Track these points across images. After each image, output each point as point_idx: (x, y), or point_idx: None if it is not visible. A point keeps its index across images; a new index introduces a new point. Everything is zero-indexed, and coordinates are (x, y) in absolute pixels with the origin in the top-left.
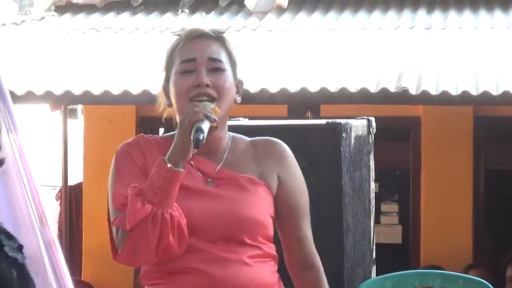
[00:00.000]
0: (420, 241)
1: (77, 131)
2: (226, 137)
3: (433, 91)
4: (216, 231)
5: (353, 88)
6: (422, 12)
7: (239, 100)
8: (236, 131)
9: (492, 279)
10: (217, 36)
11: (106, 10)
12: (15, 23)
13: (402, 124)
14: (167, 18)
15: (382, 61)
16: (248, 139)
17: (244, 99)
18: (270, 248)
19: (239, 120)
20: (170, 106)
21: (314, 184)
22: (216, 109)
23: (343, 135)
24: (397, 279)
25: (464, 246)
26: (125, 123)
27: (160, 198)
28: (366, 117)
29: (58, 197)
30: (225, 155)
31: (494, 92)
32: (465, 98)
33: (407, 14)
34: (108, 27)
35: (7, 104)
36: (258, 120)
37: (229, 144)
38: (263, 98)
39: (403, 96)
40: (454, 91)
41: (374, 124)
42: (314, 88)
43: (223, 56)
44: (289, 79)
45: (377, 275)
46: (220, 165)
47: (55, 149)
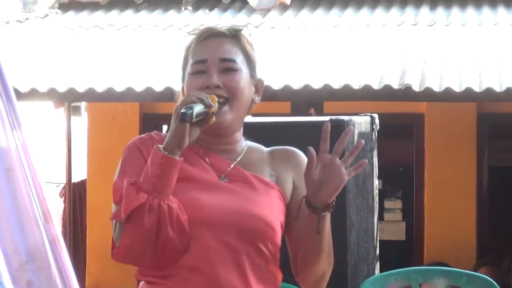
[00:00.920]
0: (423, 237)
1: (80, 128)
2: (242, 140)
3: (436, 88)
4: (228, 229)
5: (356, 85)
6: (425, 9)
7: (257, 100)
8: None
9: (501, 276)
10: (232, 35)
11: (109, 7)
12: (19, 21)
13: (405, 120)
14: (170, 15)
15: (385, 58)
16: (265, 148)
17: None
18: (275, 263)
19: None
20: None
21: None
22: (214, 97)
23: None
24: (400, 276)
25: (467, 243)
26: (128, 120)
27: (155, 187)
28: (369, 114)
29: (62, 194)
30: (241, 156)
31: (498, 89)
32: (468, 95)
33: (410, 11)
34: (112, 25)
35: (11, 101)
36: (261, 117)
37: (245, 149)
38: (266, 95)
39: (406, 93)
40: (458, 88)
41: (377, 121)
42: (317, 85)
43: (237, 55)
44: (292, 76)
45: (380, 271)
46: (234, 162)
47: (59, 146)
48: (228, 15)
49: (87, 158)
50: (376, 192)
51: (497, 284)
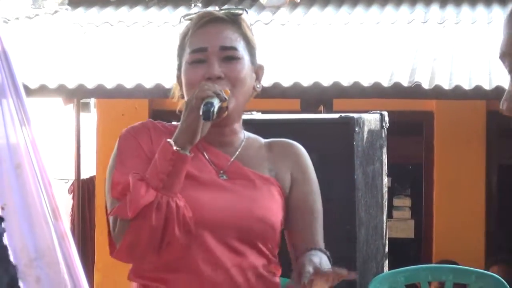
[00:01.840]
0: (432, 235)
1: (90, 125)
2: (241, 131)
3: (446, 86)
4: (229, 230)
5: (366, 82)
6: (435, 7)
7: (259, 88)
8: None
9: None
10: (231, 19)
11: (119, 4)
12: (29, 17)
13: (415, 118)
14: (180, 12)
15: (395, 55)
16: (263, 140)
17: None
18: (274, 260)
19: (252, 114)
20: (183, 97)
21: (326, 179)
22: (227, 90)
23: (356, 129)
24: (409, 274)
25: (476, 241)
26: (138, 116)
27: (165, 184)
28: (379, 111)
29: (71, 190)
30: (239, 150)
31: (507, 87)
32: (478, 93)
33: (420, 8)
34: (121, 21)
35: (20, 98)
36: (271, 114)
37: (244, 141)
38: (276, 92)
39: (416, 91)
40: (467, 86)
41: (387, 118)
42: (327, 82)
43: (238, 42)
44: (302, 74)
45: (389, 269)
46: (233, 157)
47: (68, 142)
48: None
49: (96, 155)
50: (385, 190)
51: (506, 283)
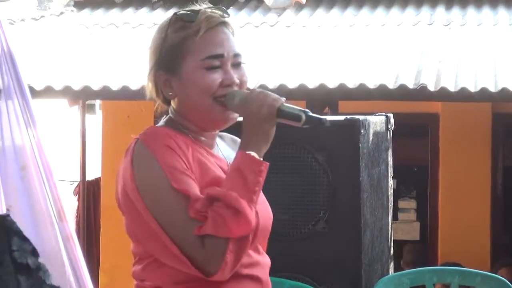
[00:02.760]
0: (437, 237)
1: (95, 126)
2: None
3: (451, 88)
4: (259, 232)
5: (371, 84)
6: (440, 9)
7: None
8: None
9: None
10: (229, 22)
11: (125, 5)
12: (34, 18)
13: (420, 120)
14: None
15: (400, 57)
16: (220, 134)
17: None
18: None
19: None
20: (173, 98)
21: (332, 181)
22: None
23: (362, 131)
24: (415, 276)
25: (481, 243)
26: (143, 118)
27: (257, 196)
28: (384, 113)
29: (76, 192)
30: (219, 149)
31: None
32: (483, 95)
33: (425, 10)
34: (127, 23)
35: (26, 99)
36: None
37: (217, 139)
38: (281, 94)
39: (421, 93)
40: (473, 88)
41: (392, 120)
42: (332, 84)
43: (239, 46)
44: (307, 75)
45: (394, 271)
46: (225, 160)
47: (73, 144)
48: (243, 14)
49: (101, 156)
50: (390, 192)
51: None
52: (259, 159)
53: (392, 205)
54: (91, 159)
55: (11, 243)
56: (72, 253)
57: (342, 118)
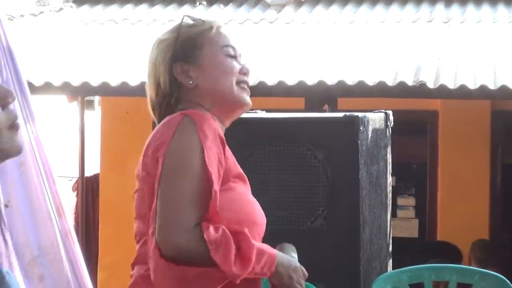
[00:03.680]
0: (436, 235)
1: (94, 123)
2: None
3: (450, 85)
4: (262, 230)
5: (370, 81)
6: (440, 6)
7: None
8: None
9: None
10: None
11: (124, 1)
12: (34, 14)
13: (419, 117)
14: (185, 10)
15: (400, 54)
16: None
17: (261, 91)
18: None
19: (256, 112)
20: (193, 86)
21: (331, 178)
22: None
23: (361, 128)
24: (413, 273)
25: None
26: (142, 115)
27: (248, 272)
28: (383, 110)
29: (75, 188)
30: None
31: None
32: (483, 92)
33: (425, 7)
34: (126, 19)
35: (25, 95)
36: (275, 113)
37: None
38: (280, 91)
39: (420, 90)
40: (472, 85)
41: (391, 117)
42: (331, 81)
43: None
44: (306, 72)
45: (393, 268)
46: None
47: (72, 140)
48: (242, 10)
49: (100, 152)
50: (389, 189)
51: (510, 282)
52: (275, 265)
53: (391, 202)
54: (90, 155)
55: None
56: (71, 249)
57: (341, 115)
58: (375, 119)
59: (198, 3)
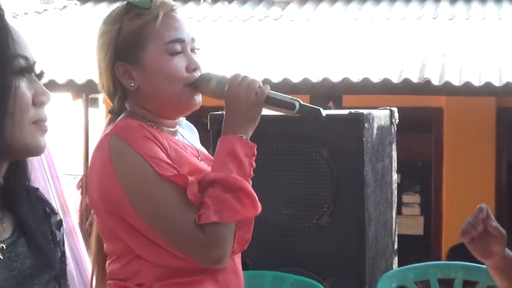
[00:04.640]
0: (441, 232)
1: (98, 120)
2: None
3: (456, 82)
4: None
5: (375, 78)
6: (445, 3)
7: None
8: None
9: None
10: (177, 7)
11: None
12: (38, 12)
13: (424, 114)
14: (189, 8)
15: (404, 51)
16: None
17: None
18: None
19: None
20: (135, 89)
21: (336, 175)
22: None
23: (366, 125)
24: (419, 271)
25: None
26: None
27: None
28: (388, 107)
29: (79, 185)
30: (182, 136)
31: None
32: (488, 89)
33: (430, 4)
34: None
35: None
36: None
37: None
38: (285, 88)
39: (425, 87)
40: (477, 82)
41: (396, 114)
42: (336, 78)
43: None
44: (311, 69)
45: (398, 266)
46: (193, 146)
47: (76, 138)
48: (247, 8)
49: None
50: (394, 186)
51: None
52: (251, 143)
53: (396, 199)
54: None
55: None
56: (75, 246)
57: (346, 112)
58: (380, 116)
59: (202, 0)
